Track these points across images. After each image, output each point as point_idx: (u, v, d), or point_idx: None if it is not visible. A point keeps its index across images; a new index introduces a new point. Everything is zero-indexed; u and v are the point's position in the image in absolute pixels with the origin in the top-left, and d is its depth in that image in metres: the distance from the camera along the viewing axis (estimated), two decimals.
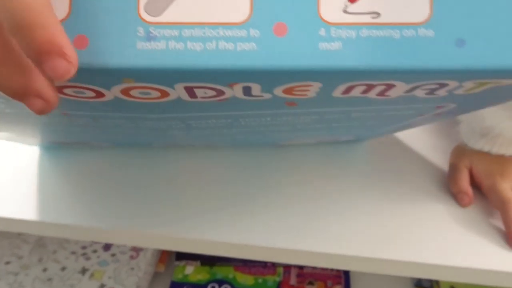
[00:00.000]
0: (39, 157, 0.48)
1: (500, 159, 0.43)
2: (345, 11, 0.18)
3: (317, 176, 0.46)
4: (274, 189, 0.44)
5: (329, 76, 0.19)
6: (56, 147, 0.49)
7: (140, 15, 0.18)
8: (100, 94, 0.22)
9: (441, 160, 0.48)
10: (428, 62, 0.18)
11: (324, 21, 0.18)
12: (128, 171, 0.46)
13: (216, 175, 0.46)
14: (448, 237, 0.40)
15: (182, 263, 0.67)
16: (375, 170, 0.47)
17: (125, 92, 0.21)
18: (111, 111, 0.26)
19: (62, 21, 0.18)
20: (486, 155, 0.44)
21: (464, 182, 0.43)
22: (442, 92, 0.22)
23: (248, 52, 0.18)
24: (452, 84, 0.20)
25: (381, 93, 0.22)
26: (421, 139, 0.51)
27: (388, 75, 0.19)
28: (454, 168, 0.45)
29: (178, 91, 0.21)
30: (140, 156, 0.48)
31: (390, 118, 0.33)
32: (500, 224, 0.41)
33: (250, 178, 0.46)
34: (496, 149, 0.43)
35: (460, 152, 0.46)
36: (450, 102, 0.26)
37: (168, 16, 0.18)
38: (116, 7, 0.18)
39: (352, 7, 0.18)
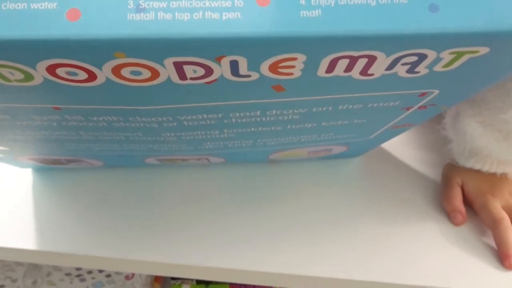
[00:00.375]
0: (32, 181, 0.48)
1: (491, 177, 0.44)
2: None
3: (309, 196, 0.46)
4: (266, 212, 0.44)
5: (311, 44, 0.20)
6: (48, 168, 0.50)
7: None
8: (92, 76, 0.22)
9: (432, 176, 0.48)
10: (403, 27, 0.19)
11: None
12: (121, 195, 0.46)
13: (209, 197, 0.46)
14: (441, 257, 0.40)
15: (178, 282, 0.67)
16: (367, 188, 0.47)
17: (116, 71, 0.22)
18: (103, 103, 0.27)
19: None
20: (477, 172, 0.44)
21: (458, 200, 0.44)
22: (422, 69, 0.23)
23: (233, 21, 0.19)
24: (431, 55, 0.21)
25: (364, 72, 0.23)
26: (413, 155, 0.51)
27: (366, 42, 0.20)
28: (446, 185, 0.45)
29: (168, 69, 0.22)
30: (133, 179, 0.48)
31: (377, 114, 0.34)
32: (492, 242, 0.41)
33: (243, 200, 0.46)
34: (487, 168, 0.44)
35: (452, 169, 0.46)
36: (433, 86, 0.27)
37: None
38: None
39: None
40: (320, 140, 0.43)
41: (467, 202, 0.44)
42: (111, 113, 0.30)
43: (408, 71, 0.24)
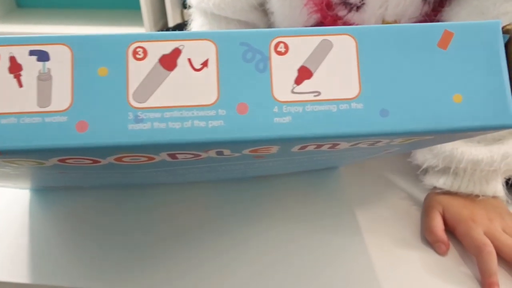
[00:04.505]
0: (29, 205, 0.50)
1: (470, 203, 0.45)
2: (293, 92, 0.23)
3: (293, 215, 0.48)
4: (252, 229, 0.46)
5: (283, 142, 0.23)
6: (45, 190, 0.52)
7: (129, 102, 0.22)
8: (96, 161, 0.26)
9: (413, 204, 0.49)
10: (359, 130, 0.23)
11: (277, 100, 0.23)
12: (115, 221, 0.48)
13: (195, 215, 0.48)
14: (423, 286, 0.40)
15: None
16: (350, 213, 0.48)
17: (118, 159, 0.25)
18: (105, 170, 0.31)
19: (66, 109, 0.22)
20: (456, 199, 0.45)
21: (439, 230, 0.44)
22: (380, 144, 0.27)
23: (217, 127, 0.22)
24: (384, 140, 0.25)
25: (331, 147, 0.27)
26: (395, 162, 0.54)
27: (329, 139, 0.23)
28: (427, 215, 0.46)
29: (162, 157, 0.25)
30: (129, 199, 0.50)
31: (350, 156, 0.38)
32: (475, 271, 0.41)
33: (230, 217, 0.48)
34: (465, 185, 0.45)
35: (432, 199, 0.47)
36: (393, 148, 0.31)
37: (152, 101, 0.23)
38: (110, 96, 0.22)
39: (298, 88, 0.23)
40: (303, 168, 0.47)
41: (449, 229, 0.45)
42: (112, 173, 0.33)
43: (369, 145, 0.27)
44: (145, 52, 0.23)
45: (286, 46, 0.23)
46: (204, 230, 0.47)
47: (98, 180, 0.41)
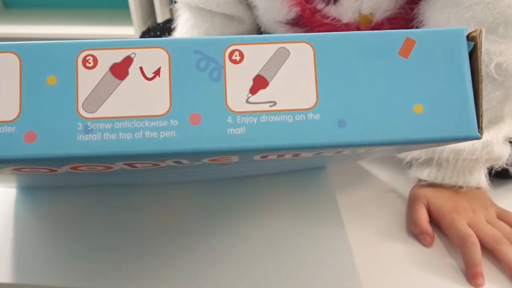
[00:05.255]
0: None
1: (454, 195, 0.45)
2: (248, 102, 0.22)
3: (279, 215, 0.47)
4: (238, 228, 0.45)
5: (239, 153, 0.23)
6: (31, 189, 0.52)
7: (79, 112, 0.22)
8: (53, 170, 0.25)
9: (399, 197, 0.49)
10: (315, 141, 0.22)
11: (231, 110, 0.22)
12: (108, 219, 0.46)
13: (182, 214, 0.47)
14: (409, 279, 0.40)
15: None
16: (336, 209, 0.47)
17: (74, 168, 0.25)
18: (69, 176, 0.30)
19: (14, 120, 0.22)
20: (440, 191, 0.45)
21: (424, 222, 0.44)
22: (345, 153, 0.26)
23: (169, 139, 0.22)
24: (347, 151, 0.25)
25: (294, 156, 0.26)
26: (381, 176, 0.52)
27: (285, 151, 0.23)
28: (412, 208, 0.46)
29: (119, 166, 0.25)
30: (117, 199, 0.49)
31: (324, 161, 0.37)
32: (460, 262, 0.41)
33: (215, 216, 0.47)
34: (449, 176, 0.45)
35: (417, 192, 0.47)
36: (364, 155, 0.30)
37: (103, 111, 0.22)
38: (59, 106, 0.22)
39: (253, 98, 0.22)
40: (285, 168, 0.46)
41: (434, 221, 0.45)
42: (78, 177, 0.33)
43: (334, 154, 0.27)
44: (95, 60, 0.22)
45: (241, 54, 0.22)
46: (190, 230, 0.46)
47: (79, 181, 0.40)
